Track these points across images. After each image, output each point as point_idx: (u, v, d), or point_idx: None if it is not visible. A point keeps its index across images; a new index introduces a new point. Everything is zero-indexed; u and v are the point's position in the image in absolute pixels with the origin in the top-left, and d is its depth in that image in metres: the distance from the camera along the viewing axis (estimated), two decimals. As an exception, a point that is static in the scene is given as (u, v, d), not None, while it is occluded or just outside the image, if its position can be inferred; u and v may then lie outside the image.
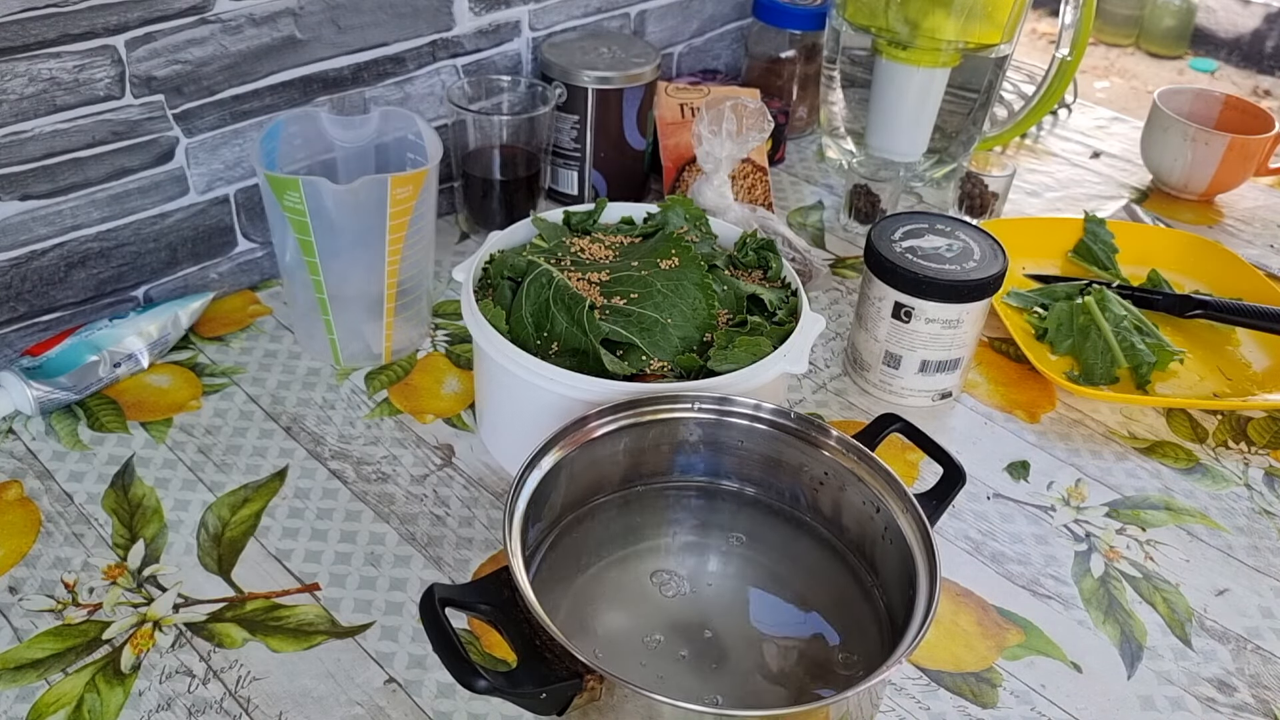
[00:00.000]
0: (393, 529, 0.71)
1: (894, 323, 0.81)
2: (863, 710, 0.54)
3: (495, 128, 0.96)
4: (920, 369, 0.82)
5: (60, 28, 0.74)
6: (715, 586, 0.64)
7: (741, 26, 1.24)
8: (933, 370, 0.82)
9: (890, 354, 0.82)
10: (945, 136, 1.12)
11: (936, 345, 0.81)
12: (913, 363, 0.82)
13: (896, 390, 0.84)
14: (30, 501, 0.72)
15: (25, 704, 0.59)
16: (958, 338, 0.81)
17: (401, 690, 0.62)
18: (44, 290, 0.81)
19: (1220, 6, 3.50)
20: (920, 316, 0.79)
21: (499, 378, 0.72)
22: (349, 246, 0.77)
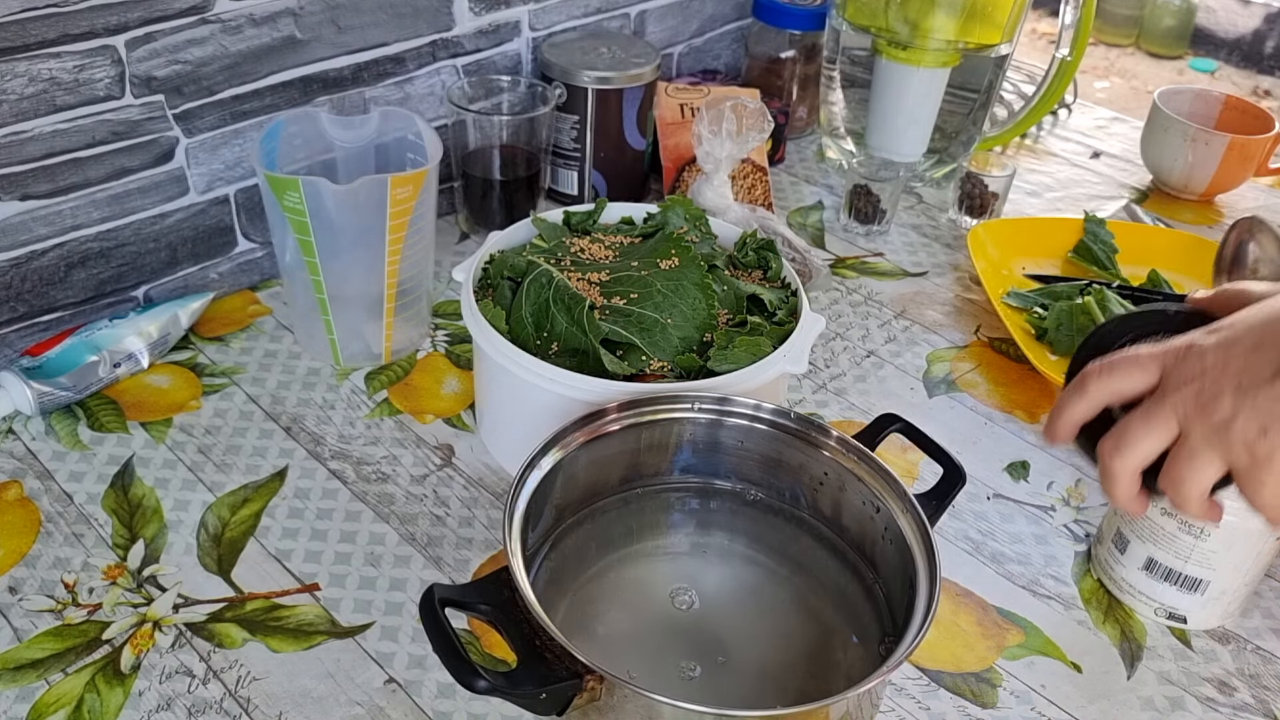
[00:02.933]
0: (393, 529, 0.71)
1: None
2: (863, 710, 0.54)
3: (495, 128, 0.96)
4: (1146, 567, 0.68)
5: (60, 28, 0.74)
6: (715, 586, 0.64)
7: (741, 26, 1.24)
8: (1160, 576, 0.67)
9: (1120, 533, 0.69)
10: (945, 136, 1.12)
11: (1170, 547, 0.66)
12: (1138, 555, 0.68)
13: (1116, 581, 0.70)
14: (30, 501, 0.72)
15: (25, 704, 0.59)
16: (1201, 551, 0.65)
17: (401, 690, 0.62)
18: (44, 290, 0.81)
19: (1220, 6, 3.50)
20: (1157, 501, 0.61)
21: (499, 378, 0.72)
22: (349, 246, 0.77)
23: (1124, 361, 0.52)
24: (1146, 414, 0.50)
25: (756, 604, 0.63)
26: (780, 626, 0.61)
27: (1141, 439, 0.51)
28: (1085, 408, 0.54)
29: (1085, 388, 0.53)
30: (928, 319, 0.96)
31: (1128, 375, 0.52)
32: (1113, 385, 0.52)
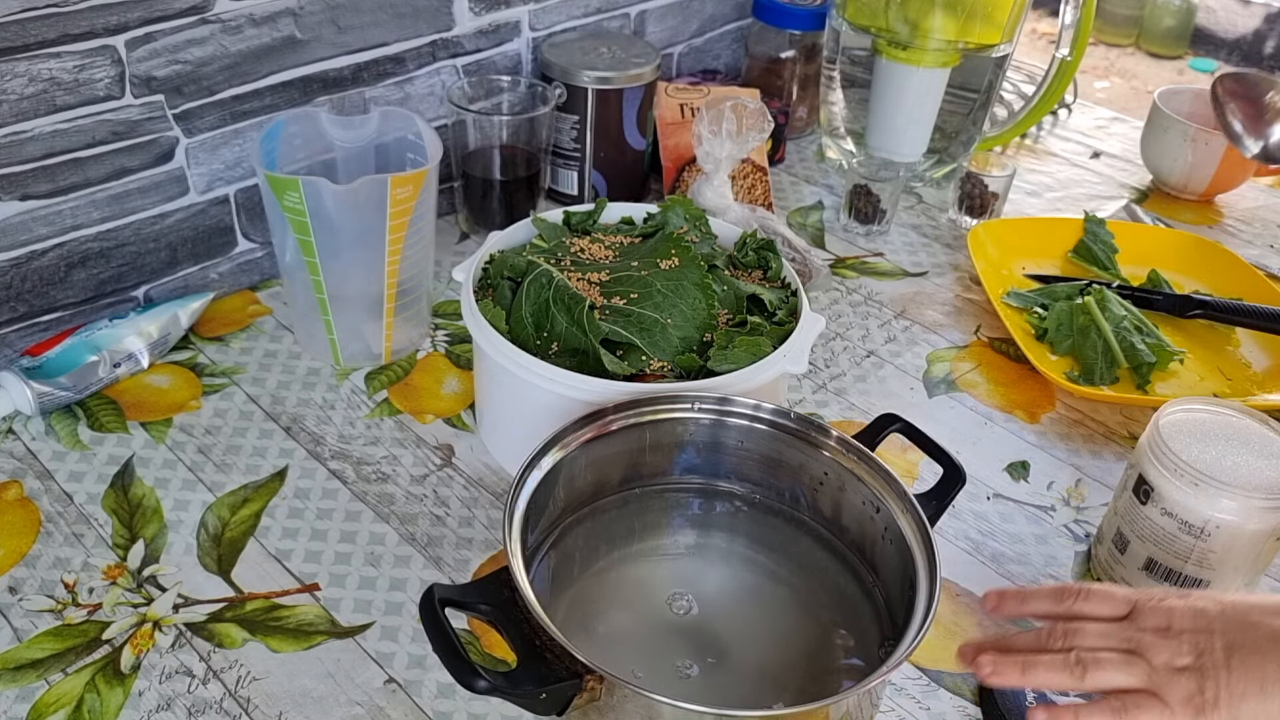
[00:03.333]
0: (393, 529, 0.71)
1: (1133, 498, 0.68)
2: (863, 710, 0.54)
3: (495, 128, 0.96)
4: (1146, 567, 0.68)
5: (60, 28, 0.74)
6: (715, 586, 0.64)
7: (741, 26, 1.24)
8: (1160, 576, 0.68)
9: (1121, 534, 0.69)
10: (945, 136, 1.12)
11: (1170, 547, 0.66)
12: (1138, 555, 0.68)
13: (1117, 581, 0.70)
14: (30, 501, 0.72)
15: (25, 704, 0.59)
16: (1201, 551, 0.65)
17: (401, 690, 0.62)
18: (44, 290, 0.81)
19: (1220, 6, 3.50)
20: (1158, 502, 0.66)
21: (499, 378, 0.72)
22: (349, 246, 0.77)
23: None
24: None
25: (756, 604, 0.63)
26: (780, 626, 0.61)
27: (1102, 669, 0.52)
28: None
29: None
30: (928, 319, 0.96)
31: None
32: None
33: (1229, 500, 0.63)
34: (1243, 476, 0.63)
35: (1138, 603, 0.53)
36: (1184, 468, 0.64)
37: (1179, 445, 0.65)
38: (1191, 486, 0.64)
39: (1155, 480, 0.65)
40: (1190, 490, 0.64)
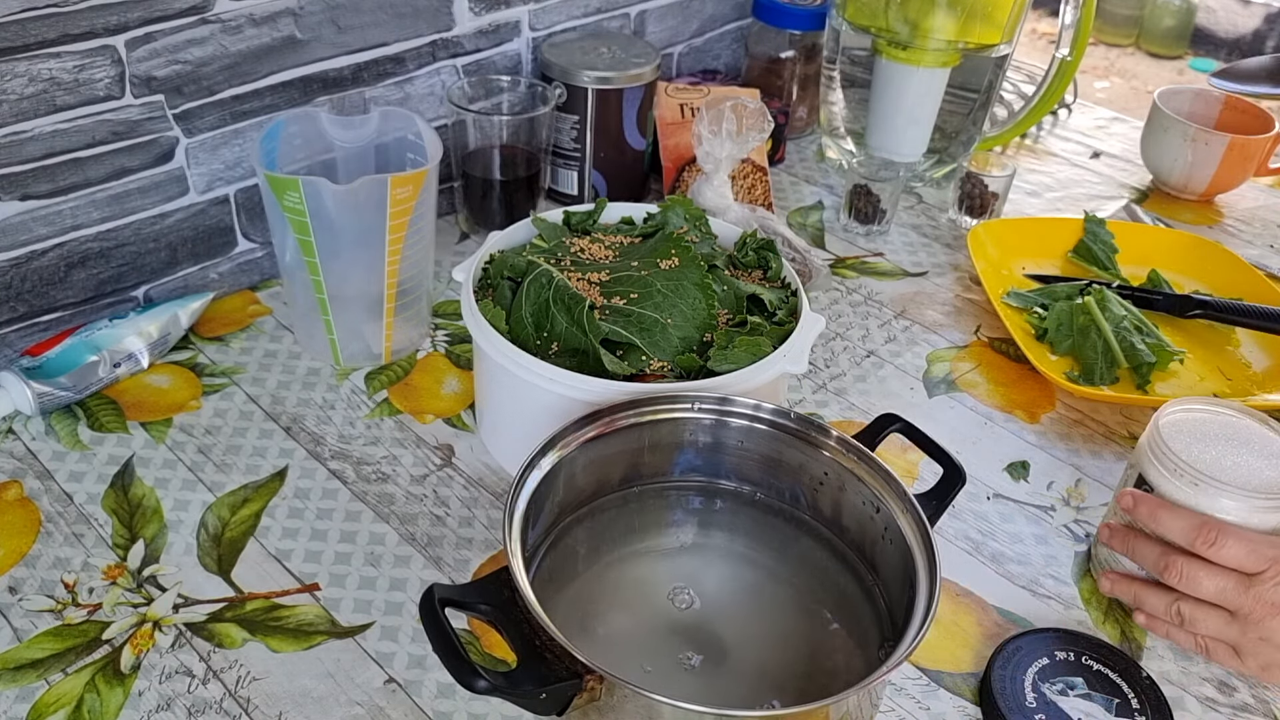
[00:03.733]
0: (393, 529, 0.71)
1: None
2: (863, 710, 0.54)
3: (495, 128, 0.96)
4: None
5: (60, 28, 0.74)
6: (715, 586, 0.64)
7: (741, 26, 1.24)
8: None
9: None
10: (945, 136, 1.12)
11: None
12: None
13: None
14: (30, 501, 0.72)
15: (25, 704, 0.59)
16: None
17: (401, 690, 0.62)
18: (44, 290, 0.81)
19: (1220, 6, 3.50)
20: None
21: (499, 378, 0.72)
22: (349, 246, 0.77)
23: (1237, 545, 0.61)
24: (1222, 624, 0.62)
25: (756, 604, 0.63)
26: (780, 626, 0.61)
27: (1200, 630, 0.63)
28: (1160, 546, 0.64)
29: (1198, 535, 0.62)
30: (928, 319, 0.96)
31: (1232, 559, 0.61)
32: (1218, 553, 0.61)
33: (1229, 500, 0.63)
34: (1242, 476, 0.64)
35: (1270, 568, 0.59)
36: (1184, 468, 0.64)
37: (1179, 445, 0.65)
38: (1191, 486, 0.64)
39: (1155, 480, 0.66)
40: (1190, 490, 0.64)
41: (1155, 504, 0.64)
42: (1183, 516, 0.62)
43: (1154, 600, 0.64)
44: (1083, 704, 0.61)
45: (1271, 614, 0.59)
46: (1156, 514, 0.63)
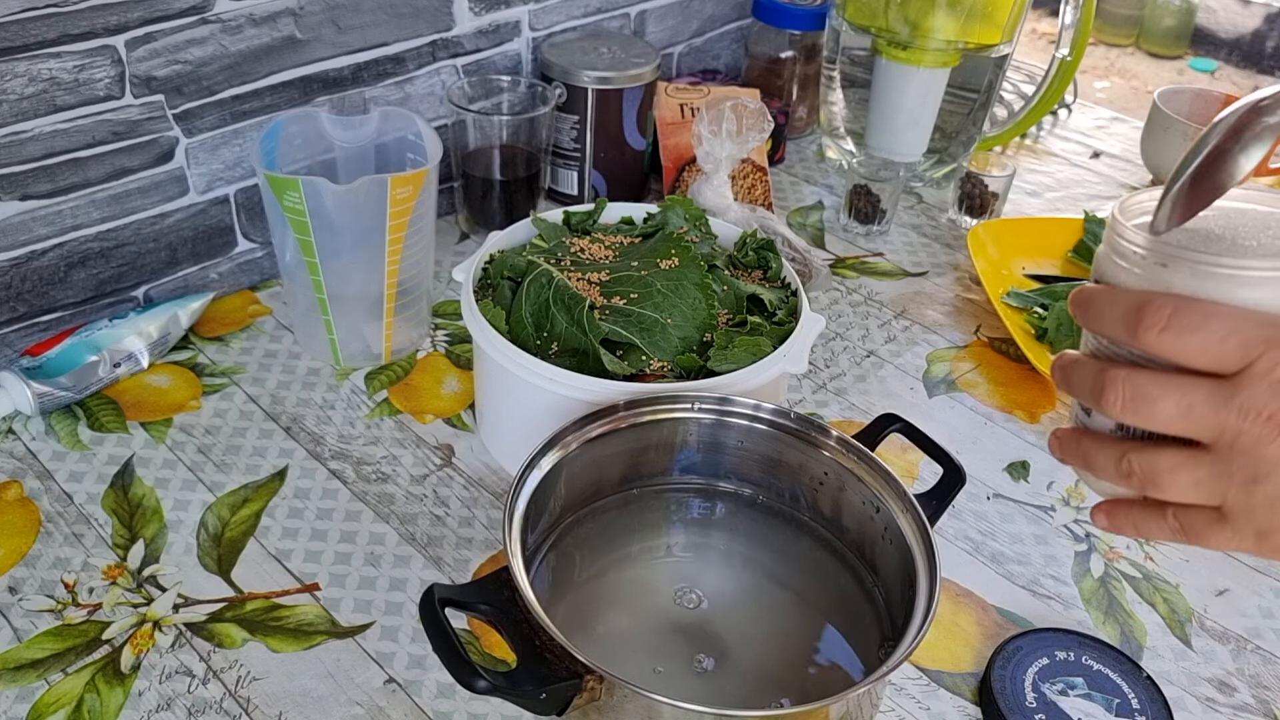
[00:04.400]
0: (393, 529, 0.71)
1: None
2: (863, 710, 0.54)
3: (495, 128, 0.96)
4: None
5: (60, 28, 0.74)
6: (715, 586, 0.64)
7: (741, 26, 1.24)
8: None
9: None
10: (945, 136, 1.12)
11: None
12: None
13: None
14: (30, 501, 0.72)
15: (25, 704, 0.59)
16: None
17: (401, 690, 0.62)
18: (44, 290, 0.81)
19: (1220, 6, 3.50)
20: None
21: (499, 378, 0.72)
22: (349, 246, 0.77)
23: (1205, 324, 0.37)
24: (1194, 468, 0.39)
25: (756, 604, 0.63)
26: (780, 626, 0.61)
27: (1169, 489, 0.40)
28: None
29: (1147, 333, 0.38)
30: (928, 319, 0.96)
31: (1201, 351, 0.38)
32: (1179, 349, 0.38)
33: (1256, 281, 0.41)
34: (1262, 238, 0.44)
35: (1252, 369, 0.37)
36: (1155, 244, 0.46)
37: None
38: (1189, 267, 0.43)
39: (1113, 274, 0.44)
40: (1183, 271, 0.43)
41: (1091, 289, 0.41)
42: (1122, 298, 0.40)
43: (1100, 456, 0.42)
44: (1083, 704, 0.61)
45: (1268, 433, 0.36)
46: (1091, 302, 0.41)
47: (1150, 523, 0.41)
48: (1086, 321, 0.41)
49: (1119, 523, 0.42)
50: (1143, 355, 0.39)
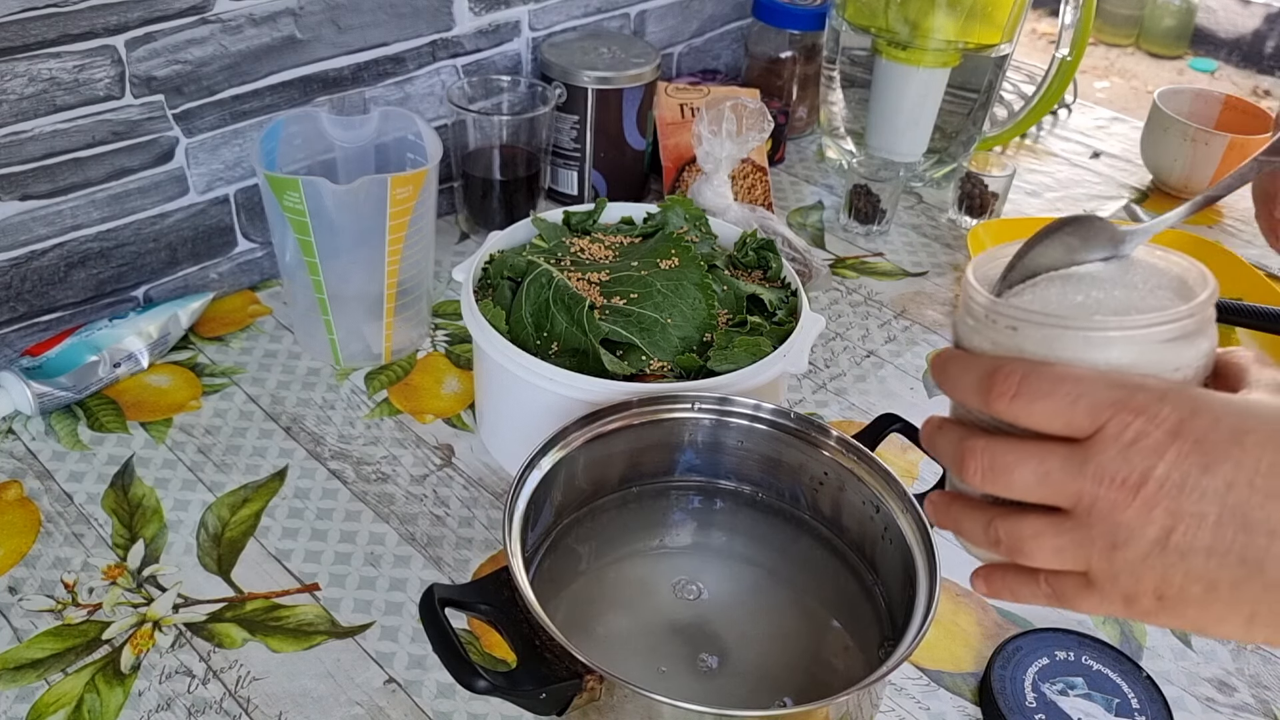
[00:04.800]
0: (392, 529, 0.71)
1: None
2: (863, 710, 0.54)
3: (495, 128, 0.96)
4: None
5: (60, 28, 0.74)
6: (715, 586, 0.64)
7: (741, 26, 1.24)
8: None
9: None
10: (945, 136, 1.12)
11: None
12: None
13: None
14: (30, 501, 0.72)
15: (25, 704, 0.59)
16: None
17: (401, 690, 0.62)
18: (44, 290, 0.81)
19: (1220, 6, 3.50)
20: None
21: (499, 378, 0.72)
22: (349, 246, 0.77)
23: (1053, 389, 0.37)
24: (1056, 534, 0.38)
25: (756, 604, 0.63)
26: (780, 626, 0.61)
27: (1034, 556, 0.39)
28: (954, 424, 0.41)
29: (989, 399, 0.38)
30: (928, 319, 0.96)
31: (1052, 416, 0.37)
32: (1030, 416, 0.37)
33: (1120, 345, 0.40)
34: (1112, 304, 0.42)
35: (1103, 433, 0.36)
36: (1009, 308, 0.43)
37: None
38: (1042, 331, 0.42)
39: (968, 337, 0.44)
40: (1034, 335, 0.42)
41: (947, 355, 0.41)
42: (974, 364, 0.39)
43: (969, 523, 0.41)
44: (1083, 704, 0.61)
45: (1123, 498, 0.35)
46: (946, 369, 0.40)
47: (1024, 589, 0.40)
48: (944, 387, 0.41)
49: (996, 588, 0.42)
50: (1002, 421, 0.38)
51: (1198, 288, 0.39)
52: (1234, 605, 0.35)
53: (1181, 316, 0.38)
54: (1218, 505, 0.34)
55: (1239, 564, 0.34)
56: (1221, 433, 0.34)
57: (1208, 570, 0.35)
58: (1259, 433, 0.34)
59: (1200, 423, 0.34)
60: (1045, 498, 0.37)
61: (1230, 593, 0.35)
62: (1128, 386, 0.36)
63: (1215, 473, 0.34)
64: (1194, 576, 0.35)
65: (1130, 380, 0.36)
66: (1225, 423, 0.34)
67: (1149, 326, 0.37)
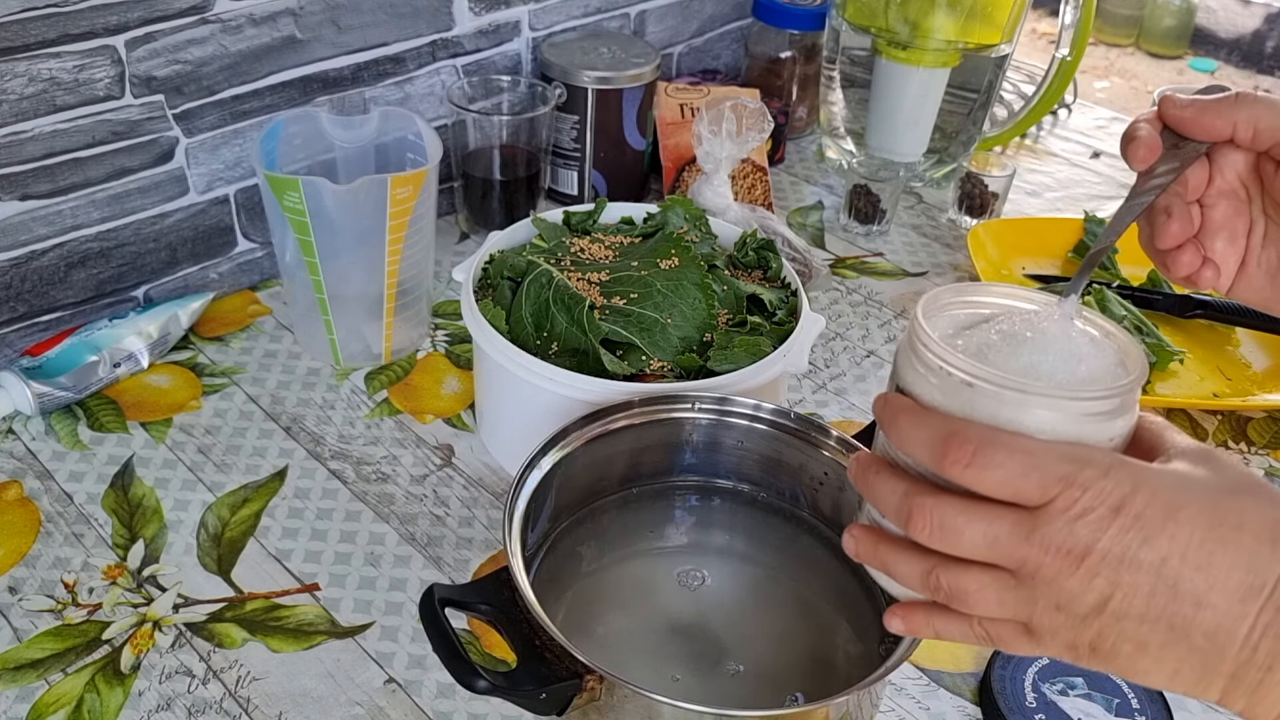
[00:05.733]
0: (393, 529, 0.71)
1: None
2: (863, 710, 0.54)
3: (495, 128, 0.96)
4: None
5: (60, 28, 0.74)
6: (715, 586, 0.64)
7: (741, 26, 1.24)
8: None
9: None
10: (945, 136, 1.12)
11: None
12: None
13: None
14: (30, 501, 0.72)
15: (25, 704, 0.59)
16: None
17: (401, 690, 0.62)
18: (44, 290, 0.81)
19: (1220, 6, 3.50)
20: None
21: (499, 378, 0.72)
22: (349, 246, 0.77)
23: (1007, 460, 0.38)
24: (1000, 589, 0.39)
25: (756, 603, 0.63)
26: (780, 626, 0.61)
27: (976, 607, 0.40)
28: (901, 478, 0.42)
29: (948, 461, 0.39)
30: (928, 319, 0.96)
31: (1003, 485, 0.38)
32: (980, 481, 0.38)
33: (1043, 410, 0.40)
34: (1048, 370, 0.43)
35: (1061, 494, 0.37)
36: (959, 365, 0.43)
37: (951, 333, 0.46)
38: (964, 391, 0.42)
39: (914, 385, 0.44)
40: (966, 396, 0.42)
41: (898, 406, 0.41)
42: (929, 423, 0.40)
43: (904, 566, 0.42)
44: (1083, 704, 0.61)
45: (1067, 566, 0.37)
46: (897, 420, 0.41)
47: (954, 628, 0.42)
48: (892, 439, 0.42)
49: (917, 626, 0.43)
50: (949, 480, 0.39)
51: (1131, 363, 0.42)
52: (1160, 662, 0.37)
53: (1123, 391, 0.40)
54: (1152, 577, 0.36)
55: (1168, 630, 0.37)
56: (1158, 508, 0.37)
57: (1140, 633, 0.37)
58: (1190, 508, 0.37)
59: (1140, 499, 0.37)
60: (992, 559, 0.39)
61: (1158, 652, 0.37)
62: (1076, 461, 0.37)
63: (1152, 546, 0.36)
64: (1126, 637, 0.37)
65: (1078, 454, 0.38)
66: (1161, 497, 0.37)
67: (1095, 399, 0.39)
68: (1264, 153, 0.48)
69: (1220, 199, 0.50)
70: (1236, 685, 0.37)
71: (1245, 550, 0.36)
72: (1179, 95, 0.49)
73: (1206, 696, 0.38)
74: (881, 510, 0.42)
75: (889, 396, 0.43)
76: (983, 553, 0.39)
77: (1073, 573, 0.37)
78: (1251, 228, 0.51)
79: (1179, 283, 0.52)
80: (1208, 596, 0.36)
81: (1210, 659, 0.37)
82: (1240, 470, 0.39)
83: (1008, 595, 0.39)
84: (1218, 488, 0.38)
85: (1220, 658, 0.36)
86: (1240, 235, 0.51)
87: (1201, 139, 0.48)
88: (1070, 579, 0.37)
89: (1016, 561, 0.38)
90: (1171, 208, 0.49)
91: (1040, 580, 0.38)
